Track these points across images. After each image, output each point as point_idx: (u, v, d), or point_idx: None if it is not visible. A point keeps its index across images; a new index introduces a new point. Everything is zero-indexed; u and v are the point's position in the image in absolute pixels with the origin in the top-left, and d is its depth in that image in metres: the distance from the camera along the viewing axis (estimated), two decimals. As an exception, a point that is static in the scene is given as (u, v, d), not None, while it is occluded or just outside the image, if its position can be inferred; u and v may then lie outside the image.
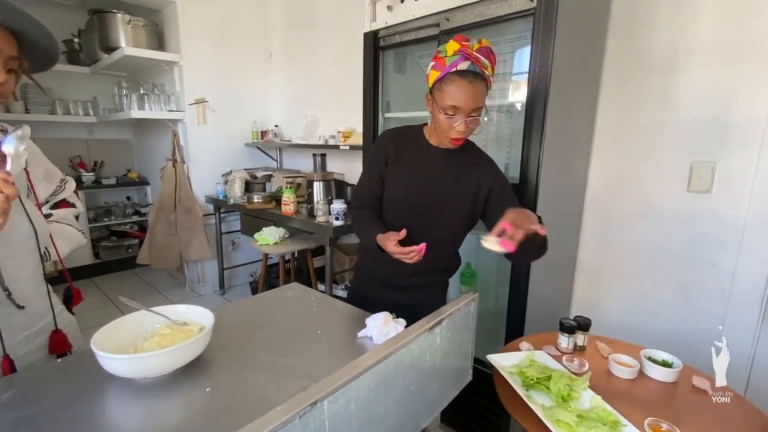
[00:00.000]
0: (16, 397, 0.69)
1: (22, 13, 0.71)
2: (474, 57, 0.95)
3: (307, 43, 3.23)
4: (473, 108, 0.98)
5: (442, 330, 0.74)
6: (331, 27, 3.01)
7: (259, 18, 3.42)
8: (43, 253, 0.86)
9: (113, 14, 2.90)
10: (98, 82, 3.69)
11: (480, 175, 1.11)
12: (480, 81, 0.97)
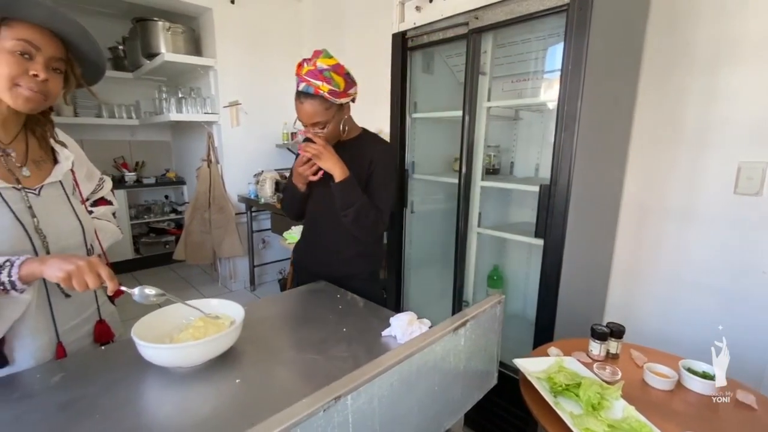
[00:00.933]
0: (65, 380, 0.75)
1: (62, 16, 0.75)
2: (304, 80, 1.13)
3: (336, 45, 3.27)
4: (311, 123, 1.17)
5: (466, 332, 0.73)
6: (360, 29, 3.04)
7: (290, 21, 3.50)
8: (89, 247, 0.92)
9: (154, 22, 3.06)
10: (140, 87, 3.90)
11: (370, 156, 1.27)
12: (311, 100, 1.14)
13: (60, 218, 0.85)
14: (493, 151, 2.01)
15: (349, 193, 1.19)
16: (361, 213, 1.21)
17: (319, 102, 1.13)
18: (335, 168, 1.18)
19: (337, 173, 1.18)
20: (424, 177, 2.09)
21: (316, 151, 1.16)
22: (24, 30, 0.73)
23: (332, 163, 1.17)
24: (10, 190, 0.77)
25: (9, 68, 0.73)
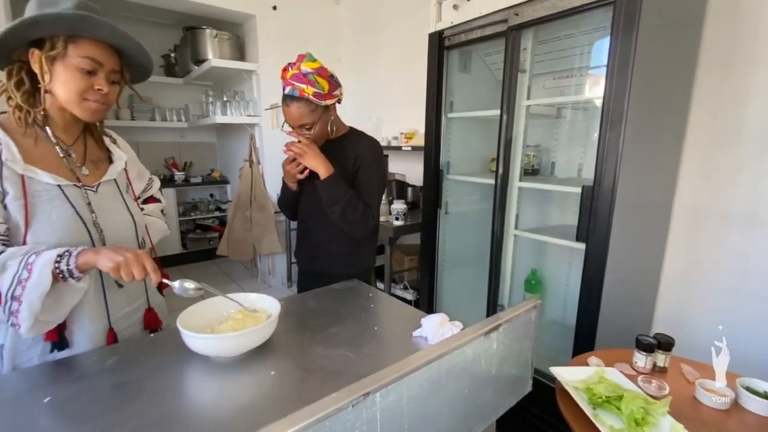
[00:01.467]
0: (117, 364, 0.81)
1: (122, 33, 0.83)
2: (289, 83, 1.15)
3: (373, 47, 3.31)
4: (297, 125, 1.20)
5: (499, 336, 0.71)
6: (396, 30, 3.04)
7: (328, 24, 3.57)
8: (140, 241, 0.99)
9: (203, 30, 3.24)
10: (189, 92, 4.13)
11: (356, 152, 1.30)
12: (296, 102, 1.16)
13: (115, 214, 0.92)
14: (532, 151, 1.94)
15: (334, 190, 1.21)
16: (348, 209, 1.22)
17: (304, 104, 1.16)
18: (319, 165, 1.21)
19: (321, 171, 1.21)
20: (459, 177, 2.06)
21: (299, 150, 1.20)
22: (89, 47, 0.80)
23: (316, 161, 1.21)
24: (71, 187, 0.84)
25: (77, 84, 0.80)
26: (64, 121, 0.86)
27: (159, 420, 0.65)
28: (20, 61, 0.80)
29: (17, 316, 0.73)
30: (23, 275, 0.72)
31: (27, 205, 0.78)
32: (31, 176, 0.79)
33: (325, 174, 1.21)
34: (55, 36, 0.78)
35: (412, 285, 2.77)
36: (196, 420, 0.66)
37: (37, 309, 0.73)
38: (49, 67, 0.78)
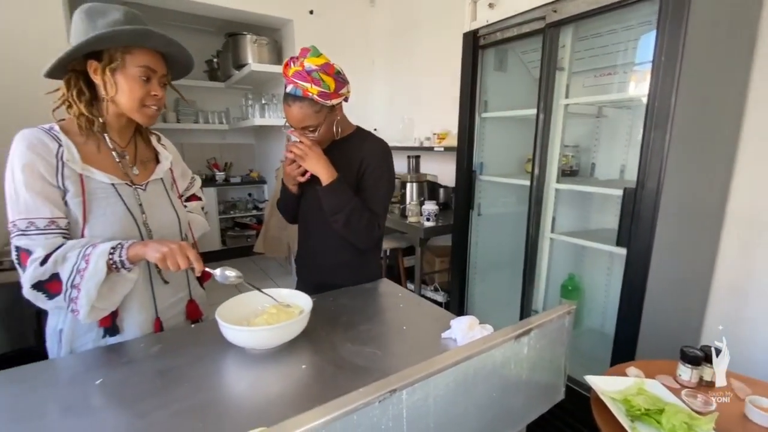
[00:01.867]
0: (162, 351, 0.86)
1: (173, 41, 0.89)
2: (292, 81, 1.05)
3: (406, 48, 3.31)
4: (300, 126, 1.10)
5: (530, 340, 0.70)
6: (430, 30, 3.03)
7: (363, 26, 3.62)
8: (183, 236, 1.05)
9: (243, 36, 3.37)
10: (230, 95, 4.32)
11: (362, 155, 1.20)
12: (300, 103, 1.06)
13: (161, 210, 0.98)
14: (571, 152, 1.88)
15: (337, 197, 1.12)
16: (352, 217, 1.12)
17: (308, 105, 1.06)
18: (321, 170, 1.11)
19: (323, 175, 1.11)
20: (493, 178, 2.03)
21: (300, 152, 1.10)
22: (143, 57, 0.86)
23: (318, 165, 1.10)
24: (123, 186, 0.91)
25: (137, 92, 0.87)
26: (119, 125, 0.93)
27: (198, 406, 0.69)
28: (74, 70, 0.86)
29: (76, 303, 0.79)
30: (81, 265, 0.79)
31: (85, 202, 0.85)
32: (88, 175, 0.86)
33: (328, 179, 1.11)
34: (113, 48, 0.84)
35: (442, 287, 2.75)
36: (232, 408, 0.70)
37: (93, 297, 0.79)
38: (110, 78, 0.85)
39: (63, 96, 0.87)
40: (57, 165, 0.82)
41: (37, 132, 0.83)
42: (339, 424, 0.46)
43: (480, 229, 2.16)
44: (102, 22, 0.82)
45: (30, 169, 0.79)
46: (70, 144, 0.85)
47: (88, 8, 0.84)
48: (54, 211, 0.81)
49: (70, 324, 0.89)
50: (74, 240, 0.83)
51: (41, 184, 0.80)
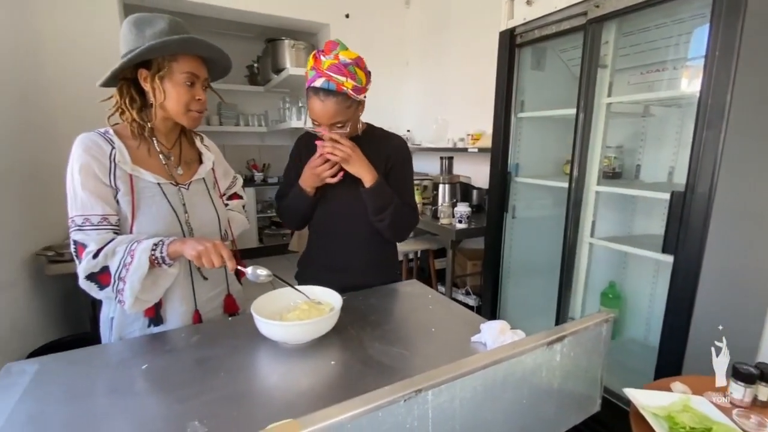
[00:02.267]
0: (201, 341, 0.91)
1: (214, 47, 0.94)
2: (326, 75, 0.99)
3: (441, 48, 3.29)
4: (330, 123, 1.04)
5: (563, 348, 0.67)
6: (465, 30, 3.00)
7: (398, 28, 3.64)
8: (223, 234, 1.10)
9: (282, 41, 3.49)
10: (269, 99, 4.48)
11: (388, 151, 1.19)
12: (333, 98, 1.01)
13: (202, 209, 1.03)
14: (613, 153, 1.79)
15: (382, 197, 1.11)
16: (397, 215, 1.13)
17: (342, 99, 1.02)
18: (365, 172, 1.08)
19: (367, 177, 1.09)
20: (529, 180, 1.97)
21: (344, 154, 1.05)
22: (188, 63, 0.91)
23: (362, 167, 1.08)
24: (168, 185, 0.97)
25: (182, 97, 0.92)
26: (166, 128, 0.99)
27: (232, 394, 0.72)
28: (125, 79, 0.92)
29: (122, 294, 0.86)
30: (127, 260, 0.85)
31: (134, 200, 0.91)
32: (137, 175, 0.92)
33: (372, 180, 1.09)
34: (160, 57, 0.89)
35: (474, 291, 2.70)
36: (264, 398, 0.72)
37: (137, 289, 0.85)
38: (158, 86, 0.91)
39: (117, 104, 0.94)
40: (110, 166, 0.89)
41: (93, 136, 0.90)
42: (365, 419, 0.46)
43: (514, 232, 2.11)
44: (150, 32, 0.88)
45: (86, 170, 0.86)
46: (121, 146, 0.92)
47: (135, 19, 0.90)
48: (106, 208, 0.88)
49: (120, 313, 0.95)
50: (123, 236, 0.89)
51: (95, 184, 0.87)
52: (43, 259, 1.91)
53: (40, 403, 0.69)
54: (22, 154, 1.93)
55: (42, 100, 2.26)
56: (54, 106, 2.35)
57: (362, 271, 1.24)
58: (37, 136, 2.11)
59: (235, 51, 0.95)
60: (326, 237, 1.25)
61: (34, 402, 0.70)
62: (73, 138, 0.90)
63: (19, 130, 1.92)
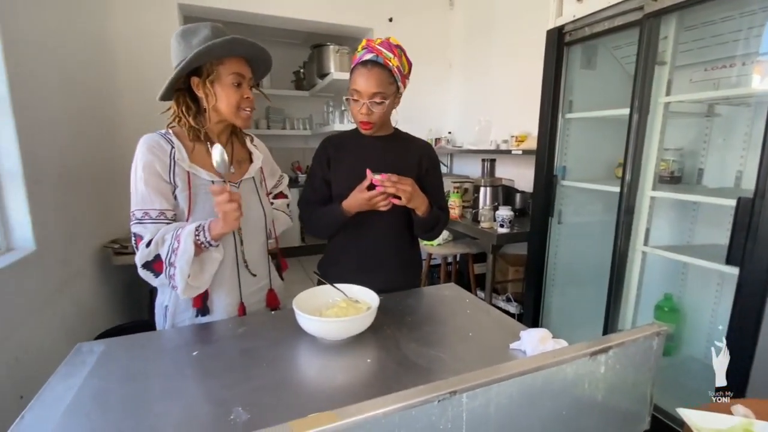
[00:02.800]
0: (245, 332, 0.96)
1: (256, 45, 0.99)
2: (376, 49, 1.09)
3: (485, 49, 3.23)
4: (371, 92, 1.09)
5: (608, 360, 0.64)
6: (511, 29, 2.92)
7: (442, 30, 3.62)
8: (268, 231, 1.15)
9: (327, 46, 3.59)
10: (313, 103, 4.62)
11: (420, 153, 1.24)
12: (379, 68, 1.08)
13: (250, 206, 1.09)
14: (672, 155, 1.67)
15: (432, 220, 1.20)
16: (438, 225, 1.24)
17: (386, 73, 1.10)
18: (422, 204, 1.16)
19: (423, 207, 1.17)
20: (576, 184, 1.89)
21: (408, 194, 1.10)
22: (233, 65, 0.97)
23: (421, 201, 1.15)
24: (221, 182, 1.03)
25: (233, 98, 0.98)
26: (218, 130, 1.06)
27: (273, 384, 0.75)
28: (180, 89, 1.00)
29: (174, 279, 0.92)
30: (174, 245, 0.91)
31: (190, 196, 0.98)
32: (194, 173, 0.99)
33: (427, 209, 1.18)
34: (209, 62, 0.96)
35: (515, 298, 2.62)
36: (302, 389, 0.75)
37: (186, 272, 0.91)
38: (210, 90, 0.97)
39: (175, 113, 1.02)
40: (170, 164, 0.96)
41: (155, 136, 0.98)
42: (398, 416, 0.47)
43: (560, 238, 2.02)
44: (195, 41, 0.94)
45: (148, 168, 0.94)
46: (180, 146, 0.99)
47: (181, 32, 0.97)
48: (164, 204, 0.95)
49: (173, 302, 1.03)
50: (170, 224, 0.95)
51: (156, 181, 0.95)
52: (110, 250, 2.10)
53: (103, 381, 0.77)
54: (94, 152, 2.13)
55: (112, 101, 2.49)
56: (122, 107, 2.59)
57: (388, 272, 1.26)
58: (106, 136, 2.32)
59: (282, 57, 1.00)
60: (354, 239, 1.26)
61: (98, 379, 0.77)
62: (138, 138, 0.98)
63: (92, 131, 2.12)
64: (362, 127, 1.17)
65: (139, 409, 0.69)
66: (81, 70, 2.05)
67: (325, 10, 3.23)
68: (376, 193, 1.10)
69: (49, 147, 1.63)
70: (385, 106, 1.12)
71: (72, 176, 1.82)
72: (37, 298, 1.46)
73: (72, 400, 0.70)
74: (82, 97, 2.05)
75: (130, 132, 1.54)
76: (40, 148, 1.55)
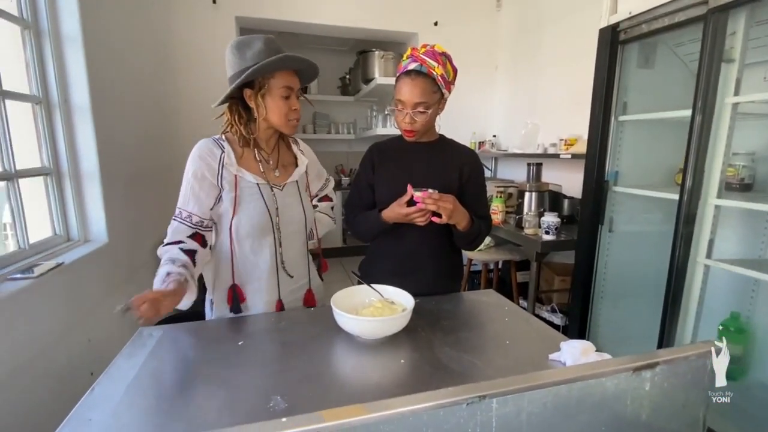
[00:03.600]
0: (286, 327, 1.01)
1: (304, 60, 1.04)
2: (420, 59, 1.09)
3: (532, 50, 3.14)
4: (415, 102, 1.10)
5: (654, 377, 0.60)
6: (561, 30, 2.82)
7: (488, 33, 3.56)
8: (308, 232, 1.20)
9: (372, 52, 3.65)
10: (358, 108, 4.72)
11: (462, 161, 1.22)
12: (422, 78, 1.09)
13: (292, 209, 1.14)
14: (743, 160, 1.52)
15: (473, 233, 1.18)
16: (479, 236, 1.21)
17: (430, 83, 1.09)
18: (463, 219, 1.14)
19: (464, 222, 1.15)
20: (630, 190, 1.78)
21: (449, 211, 1.08)
22: (283, 78, 1.03)
23: (461, 215, 1.13)
24: (266, 186, 1.09)
25: (282, 109, 1.04)
26: (267, 136, 1.13)
27: (310, 377, 0.79)
28: (233, 98, 1.06)
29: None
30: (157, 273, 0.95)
31: (236, 197, 1.05)
32: (241, 176, 1.06)
33: (468, 224, 1.16)
34: (261, 76, 1.01)
35: (561, 309, 2.51)
36: (337, 383, 0.78)
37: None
38: (261, 102, 1.04)
39: (228, 120, 1.09)
40: (218, 168, 1.04)
41: (208, 142, 1.06)
42: (425, 416, 0.48)
43: (611, 248, 1.91)
44: (249, 53, 1.00)
45: (196, 174, 1.02)
46: (230, 150, 1.07)
47: (236, 43, 1.03)
48: (195, 209, 1.02)
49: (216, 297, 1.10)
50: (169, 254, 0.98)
51: (200, 186, 1.02)
52: (169, 245, 2.27)
53: (160, 362, 0.84)
54: (157, 155, 2.33)
55: (172, 107, 2.71)
56: (181, 112, 2.80)
57: (427, 277, 1.24)
58: (167, 139, 2.53)
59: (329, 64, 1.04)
60: (393, 243, 1.25)
61: (156, 361, 0.85)
62: (194, 142, 1.07)
63: (155, 134, 2.33)
64: (406, 135, 1.18)
65: (189, 390, 0.75)
66: (148, 78, 2.26)
67: (371, 17, 3.30)
68: (415, 209, 1.10)
69: (120, 150, 1.81)
70: (429, 115, 1.12)
71: (138, 176, 2.01)
72: (108, 286, 1.63)
73: (134, 377, 0.78)
74: (148, 103, 2.25)
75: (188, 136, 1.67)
76: (113, 150, 1.73)
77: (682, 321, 1.51)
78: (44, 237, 1.49)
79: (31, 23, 1.43)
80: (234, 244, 1.07)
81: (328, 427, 0.45)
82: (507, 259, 2.61)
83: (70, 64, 1.52)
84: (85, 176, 1.60)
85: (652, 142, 1.82)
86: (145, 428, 0.65)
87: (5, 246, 1.40)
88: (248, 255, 1.08)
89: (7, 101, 1.32)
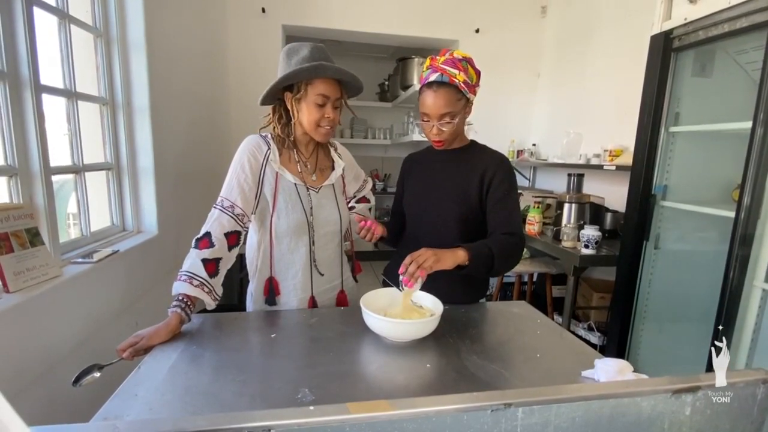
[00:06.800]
0: (316, 323, 1.04)
1: (342, 70, 1.06)
2: (440, 69, 1.06)
3: (579, 57, 3.04)
4: (440, 114, 1.09)
5: (696, 401, 0.57)
6: (609, 36, 2.71)
7: (530, 40, 3.49)
8: (343, 233, 1.23)
9: (411, 59, 3.68)
10: (395, 114, 4.76)
11: (485, 166, 1.17)
12: (445, 88, 1.07)
13: (327, 211, 1.18)
14: (811, 179, 1.40)
15: (481, 261, 1.04)
16: (501, 259, 1.06)
17: (453, 92, 1.07)
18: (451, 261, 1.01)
19: (460, 261, 1.02)
20: (680, 206, 1.68)
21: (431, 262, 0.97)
22: (321, 86, 1.06)
23: (450, 257, 1.01)
24: (303, 187, 1.14)
25: (314, 116, 1.08)
26: (305, 140, 1.17)
27: (338, 372, 0.81)
28: (279, 99, 1.12)
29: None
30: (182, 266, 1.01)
31: (276, 194, 1.10)
32: (281, 174, 1.11)
33: (465, 259, 1.03)
34: (299, 81, 1.06)
35: (599, 327, 2.39)
36: (363, 382, 0.79)
37: None
38: (297, 106, 1.08)
39: (269, 119, 1.15)
40: (262, 163, 1.09)
41: (257, 137, 1.13)
42: (449, 418, 0.48)
43: (657, 266, 1.81)
44: (295, 59, 1.05)
45: (242, 166, 1.08)
46: (275, 148, 1.12)
47: (287, 49, 1.09)
48: (237, 200, 1.06)
49: (256, 289, 1.15)
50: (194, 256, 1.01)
51: (245, 178, 1.07)
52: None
53: (199, 348, 0.89)
54: (204, 152, 2.47)
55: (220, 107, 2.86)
56: (228, 112, 2.96)
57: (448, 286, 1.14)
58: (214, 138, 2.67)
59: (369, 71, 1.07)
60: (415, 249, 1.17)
61: (196, 346, 0.90)
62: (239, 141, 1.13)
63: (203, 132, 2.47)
64: (435, 145, 1.19)
65: (224, 375, 0.79)
66: (199, 79, 2.40)
67: (413, 24, 3.33)
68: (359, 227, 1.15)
69: (172, 147, 1.94)
70: (455, 123, 1.11)
71: (186, 174, 2.14)
72: (156, 274, 1.74)
73: (176, 359, 0.84)
74: (199, 105, 2.39)
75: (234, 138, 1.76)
76: (166, 149, 1.85)
77: (735, 348, 1.40)
78: (103, 226, 1.63)
79: (102, 32, 1.57)
80: (273, 241, 1.12)
81: (353, 419, 0.46)
82: (542, 272, 2.52)
83: (134, 69, 1.65)
84: (141, 172, 1.73)
85: (707, 155, 1.71)
86: (185, 406, 0.70)
87: (69, 234, 1.54)
88: (285, 252, 1.12)
89: (80, 102, 1.46)
